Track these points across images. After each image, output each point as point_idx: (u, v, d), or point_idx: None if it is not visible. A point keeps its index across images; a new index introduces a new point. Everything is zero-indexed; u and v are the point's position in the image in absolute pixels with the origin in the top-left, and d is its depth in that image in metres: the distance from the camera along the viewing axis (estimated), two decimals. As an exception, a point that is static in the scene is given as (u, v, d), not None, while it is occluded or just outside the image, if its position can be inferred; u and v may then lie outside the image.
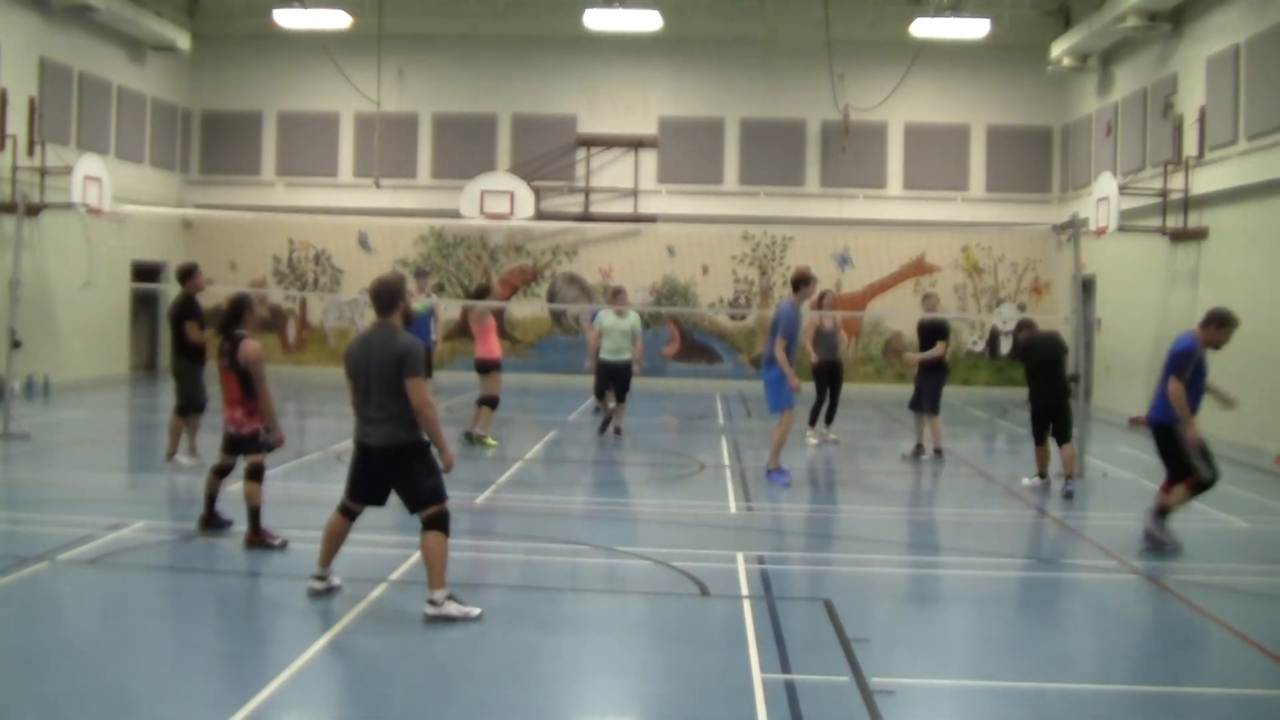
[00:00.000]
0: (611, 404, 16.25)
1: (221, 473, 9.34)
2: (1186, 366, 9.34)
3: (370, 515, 10.93)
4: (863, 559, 9.59)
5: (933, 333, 14.84)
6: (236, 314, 9.20)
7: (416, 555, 8.75)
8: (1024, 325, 13.44)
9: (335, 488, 12.16)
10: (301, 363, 25.21)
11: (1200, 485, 9.46)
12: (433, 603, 7.16)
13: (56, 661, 6.26)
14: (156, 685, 5.99)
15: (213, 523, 9.43)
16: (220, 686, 5.92)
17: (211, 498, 9.43)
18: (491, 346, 14.98)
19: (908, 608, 8.00)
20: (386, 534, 9.79)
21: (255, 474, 9.04)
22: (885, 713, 5.74)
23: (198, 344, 12.64)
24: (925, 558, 9.52)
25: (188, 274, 12.84)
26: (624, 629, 7.38)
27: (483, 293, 16.18)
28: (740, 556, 8.96)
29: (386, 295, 7.40)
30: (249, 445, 9.11)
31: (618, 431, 16.05)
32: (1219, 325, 9.56)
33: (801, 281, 12.66)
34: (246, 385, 9.01)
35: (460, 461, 14.72)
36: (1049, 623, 7.73)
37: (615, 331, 15.89)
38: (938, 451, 14.67)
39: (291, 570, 8.48)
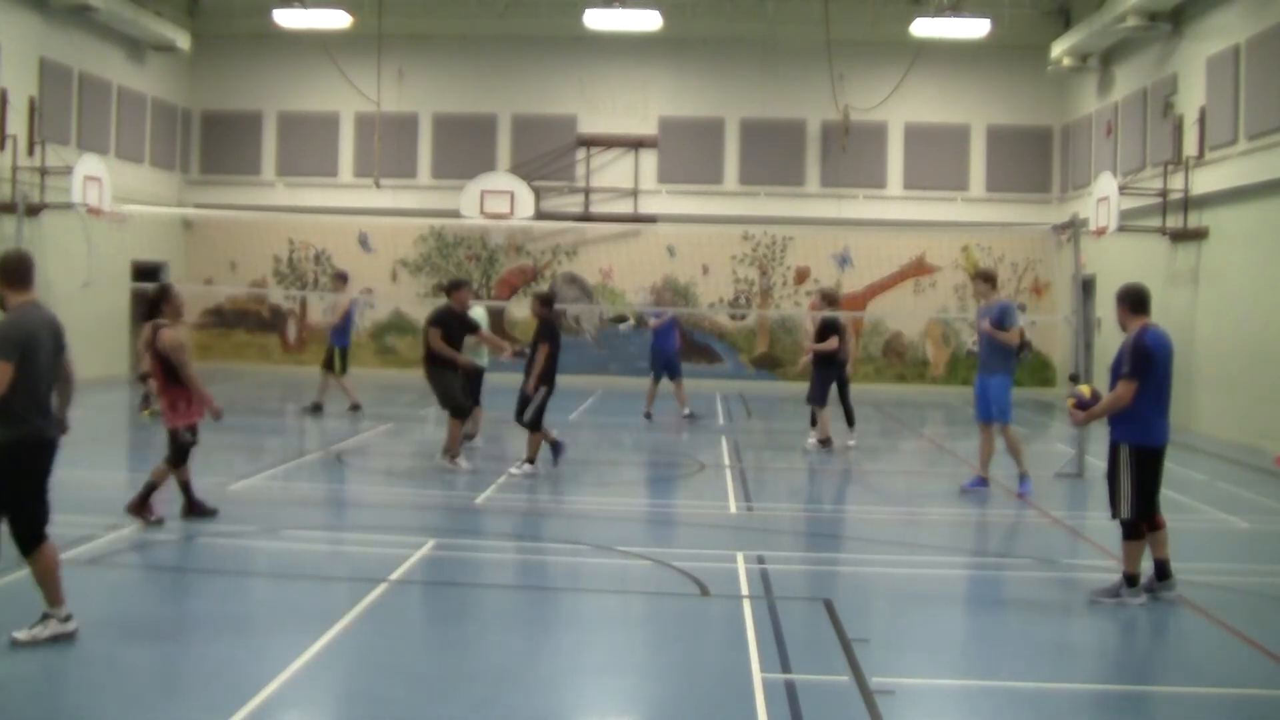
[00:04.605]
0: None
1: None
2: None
3: (369, 515, 10.95)
4: (863, 559, 9.58)
5: (827, 329, 15.20)
6: (155, 304, 9.60)
7: (417, 555, 8.79)
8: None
9: (335, 487, 12.26)
10: (302, 363, 25.17)
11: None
12: (50, 618, 6.47)
13: (55, 661, 6.25)
14: (156, 685, 5.99)
15: (194, 510, 9.70)
16: (220, 686, 5.92)
17: (184, 485, 9.71)
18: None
19: (908, 608, 7.99)
20: (386, 534, 9.80)
21: (176, 459, 9.50)
22: (885, 713, 5.73)
23: (439, 352, 12.85)
24: (925, 558, 9.51)
25: (454, 287, 13.26)
26: (624, 629, 7.38)
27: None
28: (740, 556, 8.95)
29: (28, 268, 6.55)
30: (171, 437, 9.52)
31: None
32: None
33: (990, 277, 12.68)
34: (170, 374, 9.33)
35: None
36: (1049, 623, 7.73)
37: None
38: (822, 442, 15.09)
39: (292, 570, 8.49)
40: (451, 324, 12.96)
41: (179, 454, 9.50)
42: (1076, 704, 6.15)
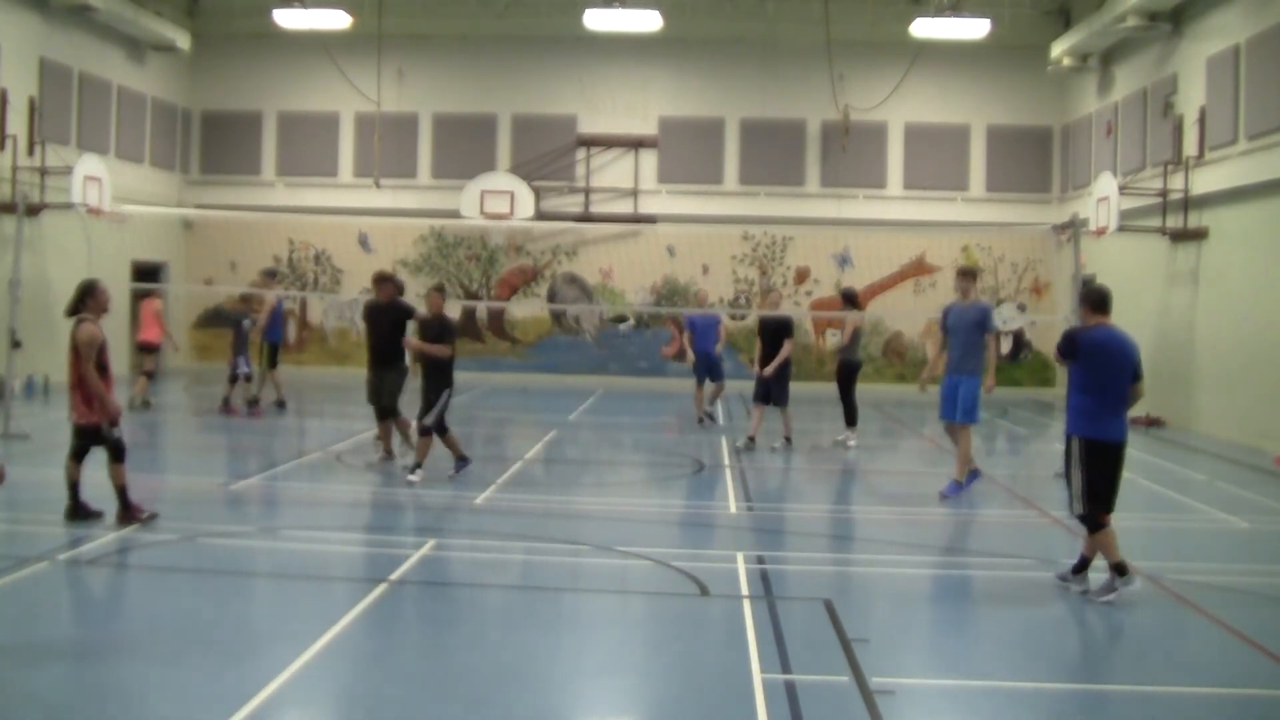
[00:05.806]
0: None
1: (76, 456, 9.50)
2: None
3: (369, 515, 10.96)
4: (863, 559, 9.59)
5: (778, 331, 15.18)
6: (80, 299, 9.46)
7: (417, 555, 8.80)
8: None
9: (336, 488, 12.25)
10: (302, 363, 25.20)
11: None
12: None
13: (57, 662, 6.25)
14: (156, 685, 5.99)
15: (80, 513, 9.52)
16: (220, 686, 5.92)
17: (73, 486, 9.53)
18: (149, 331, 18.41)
19: (908, 608, 8.00)
20: (386, 534, 9.80)
21: (116, 456, 9.34)
22: (885, 713, 5.73)
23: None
24: (925, 558, 9.51)
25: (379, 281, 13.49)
26: (624, 629, 7.37)
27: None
28: (740, 556, 8.95)
29: None
30: (93, 437, 9.36)
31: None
32: None
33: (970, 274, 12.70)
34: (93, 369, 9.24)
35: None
36: (1049, 623, 7.73)
37: None
38: (787, 440, 15.26)
39: (291, 570, 8.49)
40: (373, 318, 13.18)
41: (116, 451, 9.39)
42: (1076, 704, 6.15)
